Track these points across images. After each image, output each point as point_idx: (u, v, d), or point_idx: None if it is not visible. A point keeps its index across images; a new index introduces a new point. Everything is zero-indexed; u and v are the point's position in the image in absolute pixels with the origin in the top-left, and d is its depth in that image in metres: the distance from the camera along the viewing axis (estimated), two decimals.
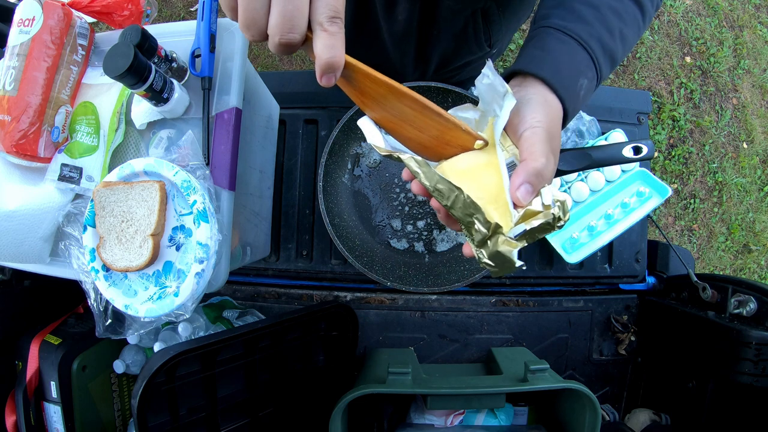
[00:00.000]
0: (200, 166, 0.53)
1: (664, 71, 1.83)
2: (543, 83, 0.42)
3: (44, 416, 0.68)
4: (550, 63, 0.43)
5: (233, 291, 0.86)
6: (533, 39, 0.46)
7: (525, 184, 0.37)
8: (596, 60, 0.44)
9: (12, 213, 0.54)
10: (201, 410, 0.66)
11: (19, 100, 0.52)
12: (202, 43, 0.55)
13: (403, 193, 0.76)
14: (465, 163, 0.40)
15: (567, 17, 0.44)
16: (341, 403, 0.62)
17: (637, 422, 0.83)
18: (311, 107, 0.85)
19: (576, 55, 0.43)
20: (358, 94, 0.38)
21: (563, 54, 0.43)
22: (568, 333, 0.87)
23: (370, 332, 0.85)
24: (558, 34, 0.44)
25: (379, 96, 0.38)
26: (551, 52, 0.43)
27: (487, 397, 0.66)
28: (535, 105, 0.41)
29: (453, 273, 0.72)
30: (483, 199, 0.37)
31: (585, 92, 0.44)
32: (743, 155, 1.84)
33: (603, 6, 0.45)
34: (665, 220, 1.79)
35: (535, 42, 0.45)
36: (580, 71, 0.43)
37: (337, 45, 0.32)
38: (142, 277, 0.52)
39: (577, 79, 0.43)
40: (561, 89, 0.42)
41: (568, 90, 0.42)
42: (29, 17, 0.53)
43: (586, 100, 0.46)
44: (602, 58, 0.44)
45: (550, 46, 0.44)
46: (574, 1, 0.45)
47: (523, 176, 0.37)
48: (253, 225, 0.71)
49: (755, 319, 0.69)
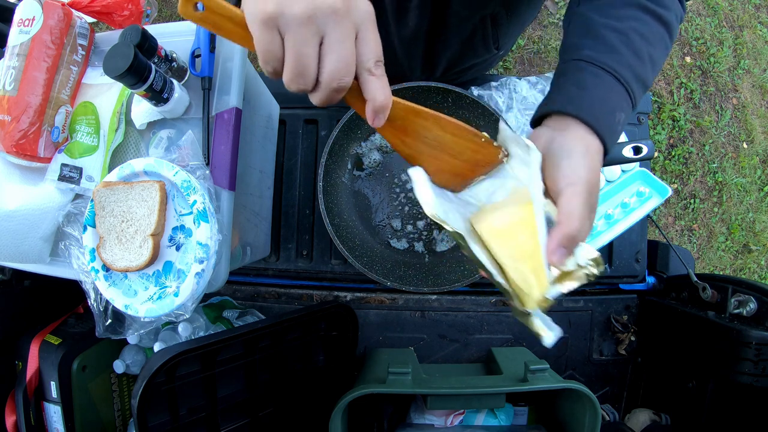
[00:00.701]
0: (200, 166, 0.53)
1: (664, 71, 1.83)
2: (584, 125, 0.41)
3: (44, 416, 0.68)
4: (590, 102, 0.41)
5: (233, 291, 0.86)
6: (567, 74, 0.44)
7: (560, 249, 0.37)
8: (631, 91, 0.43)
9: (12, 213, 0.54)
10: (201, 410, 0.66)
11: (19, 100, 0.52)
12: (202, 43, 0.55)
13: (403, 193, 0.76)
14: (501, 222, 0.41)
15: (598, 48, 0.43)
16: (341, 403, 0.62)
17: (637, 422, 0.83)
18: (311, 107, 0.85)
19: (613, 90, 0.42)
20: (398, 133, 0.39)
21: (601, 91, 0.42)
22: (568, 333, 0.87)
23: (370, 332, 0.85)
24: (593, 69, 0.43)
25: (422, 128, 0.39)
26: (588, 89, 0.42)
27: (487, 397, 0.66)
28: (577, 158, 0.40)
29: (453, 273, 0.72)
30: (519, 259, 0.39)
31: (621, 126, 0.43)
32: (743, 155, 1.84)
33: (630, 31, 0.44)
34: (665, 220, 1.79)
35: (569, 77, 0.44)
36: (618, 106, 0.42)
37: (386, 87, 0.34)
38: (142, 277, 0.52)
39: (614, 114, 0.42)
40: (602, 129, 0.41)
41: (609, 129, 0.41)
42: (29, 17, 0.53)
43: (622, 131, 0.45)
44: (635, 86, 0.43)
45: (587, 83, 0.42)
46: (600, 27, 0.44)
47: (557, 240, 0.37)
48: (253, 225, 0.71)
49: (755, 319, 0.69)
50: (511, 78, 0.85)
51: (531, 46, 1.78)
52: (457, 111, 0.73)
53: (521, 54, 1.78)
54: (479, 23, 0.70)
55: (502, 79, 0.86)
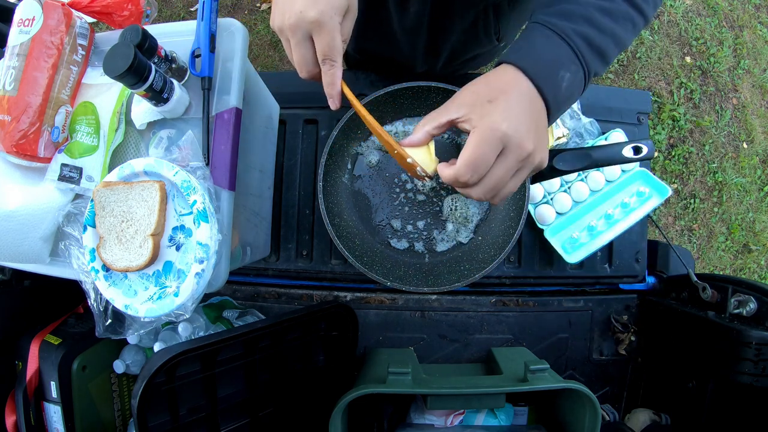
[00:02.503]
0: (200, 166, 0.53)
1: (664, 71, 1.83)
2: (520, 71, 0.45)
3: (44, 416, 0.68)
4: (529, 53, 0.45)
5: (233, 291, 0.86)
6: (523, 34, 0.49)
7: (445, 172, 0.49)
8: (580, 54, 0.45)
9: (12, 213, 0.54)
10: (201, 410, 0.66)
11: (19, 100, 0.52)
12: (202, 43, 0.55)
13: (403, 193, 0.76)
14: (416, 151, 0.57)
15: (551, 14, 0.46)
16: (341, 403, 0.62)
17: (637, 422, 0.83)
18: (311, 107, 0.85)
19: (559, 49, 0.45)
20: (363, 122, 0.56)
21: (546, 47, 0.45)
22: (568, 333, 0.87)
23: (370, 332, 0.85)
24: (541, 29, 0.46)
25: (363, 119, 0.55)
26: (534, 44, 0.46)
27: (487, 397, 0.66)
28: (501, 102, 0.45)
29: (453, 273, 0.72)
30: None
31: (568, 84, 0.46)
32: (743, 155, 1.84)
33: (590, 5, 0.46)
34: (665, 220, 1.79)
35: (522, 35, 0.48)
36: (561, 65, 0.45)
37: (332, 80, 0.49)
38: (142, 277, 0.52)
39: (557, 71, 0.45)
40: (538, 78, 0.44)
41: (547, 80, 0.45)
42: (29, 17, 0.53)
43: (574, 94, 0.47)
44: (587, 51, 0.46)
45: (533, 39, 0.46)
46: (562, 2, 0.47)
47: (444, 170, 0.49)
48: (253, 225, 0.71)
49: (755, 319, 0.70)
50: None
51: None
52: None
53: None
54: (482, 12, 0.71)
55: None
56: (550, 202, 0.83)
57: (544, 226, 0.82)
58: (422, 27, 0.72)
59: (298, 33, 0.45)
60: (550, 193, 0.84)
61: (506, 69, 0.46)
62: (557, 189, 0.84)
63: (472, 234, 0.76)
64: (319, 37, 0.45)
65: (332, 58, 0.47)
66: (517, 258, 0.86)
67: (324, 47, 0.46)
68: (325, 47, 0.46)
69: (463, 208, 0.75)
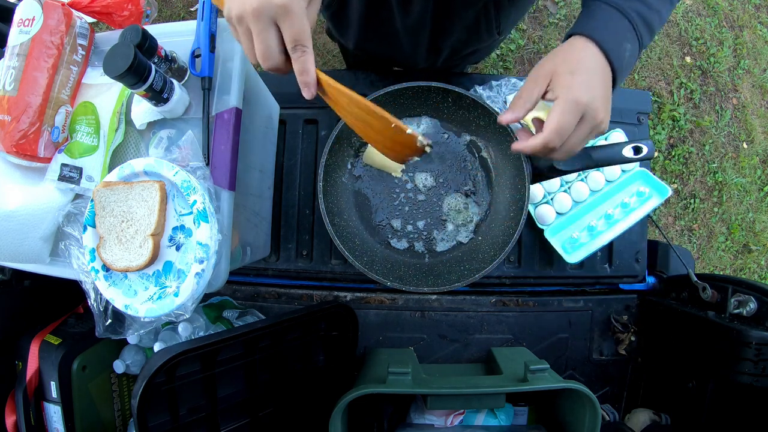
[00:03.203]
0: (200, 166, 0.53)
1: (664, 71, 1.83)
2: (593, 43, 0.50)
3: (44, 416, 0.68)
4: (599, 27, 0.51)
5: (233, 291, 0.86)
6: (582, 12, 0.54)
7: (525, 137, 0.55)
8: (636, 28, 0.51)
9: (12, 213, 0.54)
10: (201, 410, 0.66)
11: (19, 100, 0.52)
12: (202, 43, 0.55)
13: (403, 193, 0.76)
14: None
15: None
16: (341, 403, 0.62)
17: (637, 422, 0.83)
18: (311, 107, 0.85)
19: (621, 23, 0.51)
20: (332, 103, 0.49)
21: (610, 21, 0.51)
22: (568, 333, 0.87)
23: (370, 332, 0.85)
24: (604, 6, 0.52)
25: (347, 103, 0.48)
26: (598, 19, 0.52)
27: (487, 397, 0.66)
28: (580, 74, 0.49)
29: (453, 273, 0.72)
30: None
31: (630, 54, 0.52)
32: (743, 155, 1.84)
33: None
34: (665, 220, 1.79)
35: (583, 13, 0.54)
36: (624, 37, 0.51)
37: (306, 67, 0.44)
38: (142, 277, 0.52)
39: (622, 42, 0.51)
40: (609, 50, 0.50)
41: (616, 52, 0.50)
42: (29, 17, 0.53)
43: (631, 64, 0.53)
44: (641, 26, 0.52)
45: (598, 15, 0.52)
46: None
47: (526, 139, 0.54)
48: (253, 225, 0.71)
49: (755, 319, 0.69)
50: (511, 78, 0.85)
51: (531, 46, 1.78)
52: (457, 111, 0.73)
53: (521, 54, 1.78)
54: (482, 9, 0.71)
55: (502, 79, 0.86)
56: (550, 202, 0.83)
57: (544, 226, 0.82)
58: (425, 26, 0.73)
59: (263, 19, 0.41)
60: (550, 193, 0.84)
61: (579, 41, 0.51)
62: (557, 189, 0.84)
63: (472, 234, 0.76)
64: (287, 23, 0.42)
65: (303, 43, 0.43)
66: (517, 258, 0.86)
67: (294, 33, 0.42)
68: (294, 33, 0.42)
69: (463, 208, 0.75)
